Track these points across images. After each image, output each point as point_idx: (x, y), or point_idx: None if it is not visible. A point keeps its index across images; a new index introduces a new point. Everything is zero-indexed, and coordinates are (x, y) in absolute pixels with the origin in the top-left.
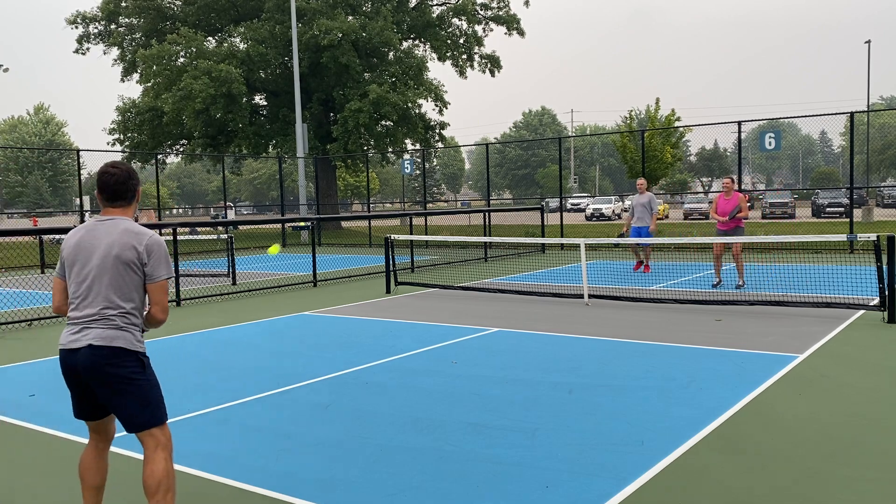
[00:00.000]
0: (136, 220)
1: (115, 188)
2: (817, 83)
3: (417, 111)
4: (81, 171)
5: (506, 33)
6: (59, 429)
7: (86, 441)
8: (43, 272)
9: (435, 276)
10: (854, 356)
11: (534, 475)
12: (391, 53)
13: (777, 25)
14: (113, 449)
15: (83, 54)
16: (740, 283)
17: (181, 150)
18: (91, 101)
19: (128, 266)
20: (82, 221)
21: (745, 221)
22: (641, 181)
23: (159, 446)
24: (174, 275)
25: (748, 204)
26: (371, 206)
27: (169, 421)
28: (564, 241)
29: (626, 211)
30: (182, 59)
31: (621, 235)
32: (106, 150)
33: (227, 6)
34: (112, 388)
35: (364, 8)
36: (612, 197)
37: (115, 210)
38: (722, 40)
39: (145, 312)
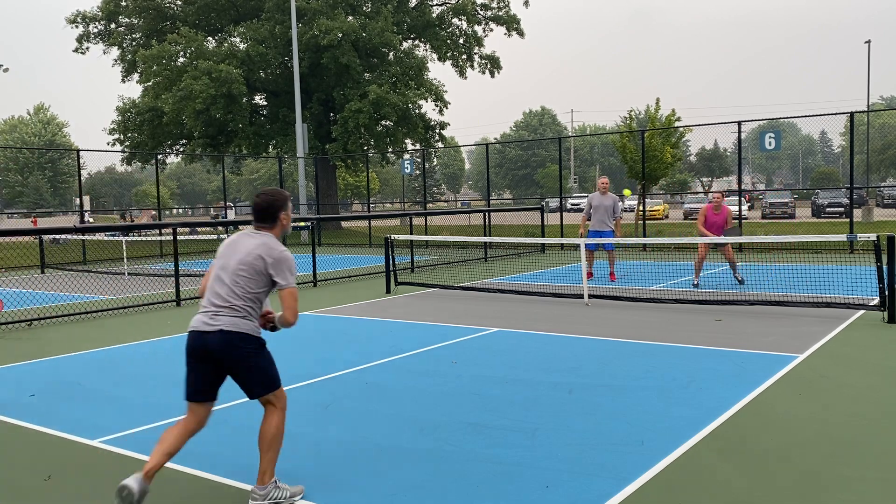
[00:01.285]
0: (138, 220)
1: (259, 212)
2: (817, 83)
3: (417, 111)
4: (81, 172)
5: (506, 33)
6: (59, 429)
7: (86, 441)
8: (43, 272)
9: (435, 276)
10: (854, 356)
11: (534, 475)
12: (391, 54)
13: (777, 25)
14: (113, 449)
15: (83, 54)
16: (740, 277)
17: (181, 150)
18: (91, 101)
19: (257, 271)
20: (82, 221)
21: (744, 222)
22: (604, 180)
23: (275, 409)
24: (294, 284)
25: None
26: (371, 206)
27: (168, 421)
28: (564, 241)
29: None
30: (182, 60)
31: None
32: (106, 150)
33: (227, 6)
34: (238, 364)
35: (364, 8)
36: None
37: (261, 227)
38: (722, 40)
39: (279, 314)
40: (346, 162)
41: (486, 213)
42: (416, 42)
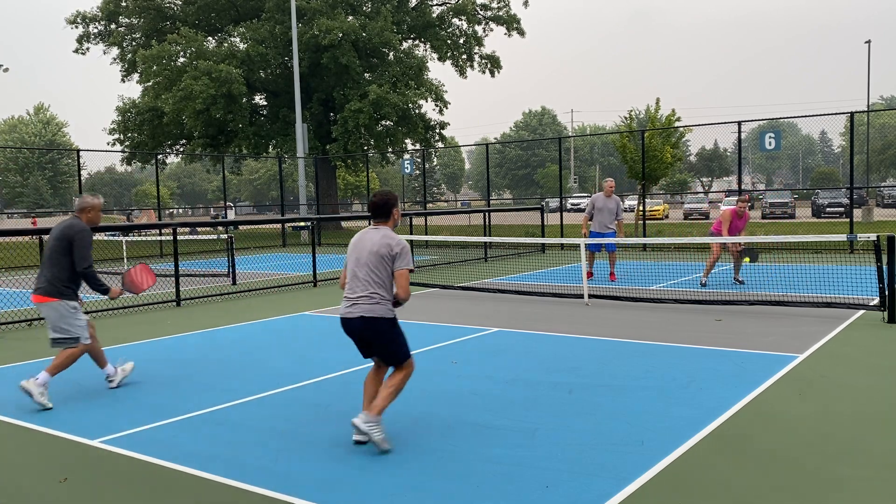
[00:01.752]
0: (138, 220)
1: (375, 209)
2: (817, 83)
3: (417, 111)
4: (81, 172)
5: (506, 33)
6: (59, 429)
7: (86, 441)
8: None
9: (435, 276)
10: (854, 356)
11: (534, 475)
12: (391, 54)
13: (777, 26)
14: (113, 449)
15: (83, 54)
16: (740, 279)
17: (181, 150)
18: (91, 101)
19: (384, 258)
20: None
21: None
22: (610, 182)
23: (402, 372)
24: (413, 267)
25: (748, 205)
26: None
27: (168, 421)
28: (564, 241)
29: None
30: (182, 60)
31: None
32: (106, 150)
33: (227, 6)
34: (375, 340)
35: (364, 8)
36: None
37: (379, 222)
38: (722, 41)
39: (394, 292)
40: (346, 162)
41: (486, 213)
42: (416, 42)
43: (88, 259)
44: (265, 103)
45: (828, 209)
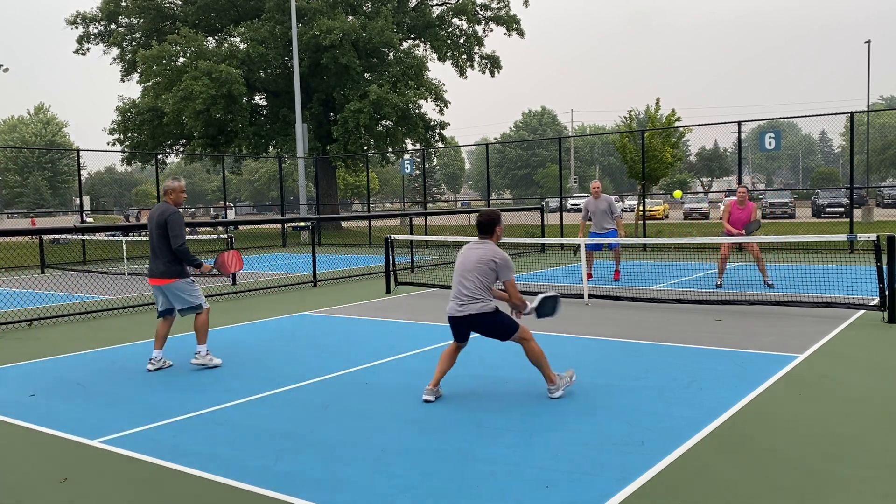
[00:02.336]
0: (138, 220)
1: (483, 227)
2: (817, 83)
3: (417, 111)
4: (81, 172)
5: (506, 33)
6: (59, 429)
7: (86, 441)
8: (43, 272)
9: (435, 276)
10: (854, 356)
11: (534, 475)
12: (391, 54)
13: (777, 25)
14: (113, 449)
15: (83, 54)
16: (770, 282)
17: (181, 150)
18: (91, 101)
19: (487, 269)
20: (82, 221)
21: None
22: (596, 184)
23: (526, 341)
24: (512, 277)
25: (748, 195)
26: (371, 206)
27: (168, 421)
28: (564, 241)
29: (589, 216)
30: (182, 60)
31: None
32: (106, 150)
33: (227, 6)
34: (484, 328)
35: (364, 8)
36: (613, 197)
37: (484, 238)
38: (722, 41)
39: (511, 302)
40: (346, 162)
41: None
42: (416, 42)
43: (182, 237)
44: (265, 103)
45: (828, 209)
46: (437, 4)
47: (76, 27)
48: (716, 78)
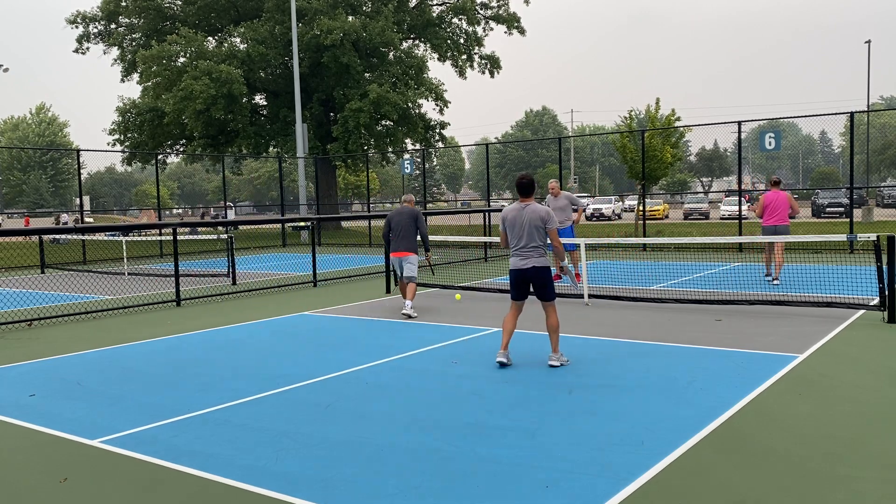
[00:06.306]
0: (138, 220)
1: (523, 188)
2: (817, 83)
3: (417, 111)
4: (81, 171)
5: (506, 32)
6: (59, 429)
7: (86, 441)
8: (43, 272)
9: (435, 276)
10: (854, 356)
11: (534, 475)
12: (391, 53)
13: (777, 25)
14: (113, 449)
15: (83, 54)
16: (777, 279)
17: (181, 150)
18: (91, 101)
19: (538, 226)
20: (82, 221)
21: (744, 221)
22: (554, 182)
23: (552, 309)
24: (557, 225)
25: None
26: (371, 206)
27: (168, 421)
28: (564, 241)
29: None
30: (182, 60)
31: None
32: (106, 150)
33: (227, 6)
34: (539, 282)
35: (365, 8)
36: (612, 197)
37: (527, 199)
38: (722, 40)
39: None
40: (347, 162)
41: (486, 213)
42: (416, 42)
43: (426, 227)
44: (265, 103)
45: (828, 209)
46: (437, 4)
47: (76, 27)
48: (716, 78)
